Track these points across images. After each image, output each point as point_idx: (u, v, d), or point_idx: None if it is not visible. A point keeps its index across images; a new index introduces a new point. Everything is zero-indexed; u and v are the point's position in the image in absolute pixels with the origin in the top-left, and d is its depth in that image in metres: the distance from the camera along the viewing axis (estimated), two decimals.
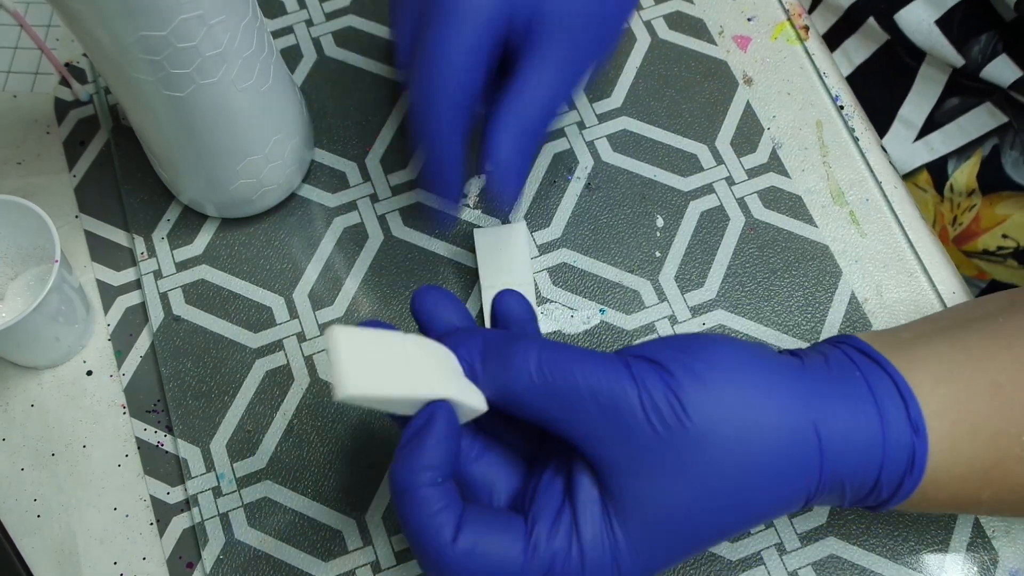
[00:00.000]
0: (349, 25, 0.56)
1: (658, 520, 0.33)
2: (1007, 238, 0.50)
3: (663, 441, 0.32)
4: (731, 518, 0.34)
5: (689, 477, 0.32)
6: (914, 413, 0.35)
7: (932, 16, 0.50)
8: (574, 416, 0.32)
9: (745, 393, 0.33)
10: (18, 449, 0.48)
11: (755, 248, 0.51)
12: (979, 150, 0.51)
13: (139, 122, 0.46)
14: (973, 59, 0.49)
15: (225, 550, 0.46)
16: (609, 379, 0.32)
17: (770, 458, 0.33)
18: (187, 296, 0.50)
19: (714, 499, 0.33)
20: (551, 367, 0.33)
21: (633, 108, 0.54)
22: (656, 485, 0.32)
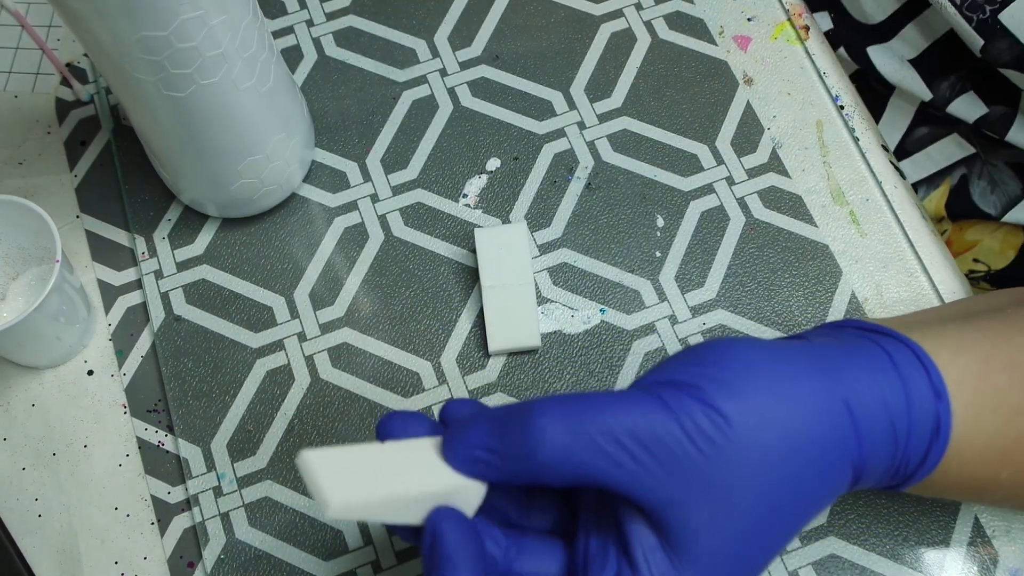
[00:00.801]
0: (350, 25, 0.56)
1: (724, 545, 0.31)
2: (978, 262, 0.51)
3: (713, 461, 0.30)
4: (792, 517, 0.32)
5: (746, 489, 0.31)
6: (936, 379, 0.34)
7: (904, 56, 0.51)
8: (616, 465, 0.30)
9: (775, 389, 0.32)
10: (19, 448, 0.48)
11: (755, 248, 0.51)
12: (948, 179, 0.51)
13: (140, 122, 0.46)
14: (941, 94, 0.49)
15: (226, 550, 0.46)
16: (644, 414, 0.30)
17: (814, 446, 0.32)
18: (188, 296, 0.50)
19: (773, 503, 0.31)
20: (577, 421, 0.30)
21: (633, 108, 0.54)
22: (716, 508, 0.30)
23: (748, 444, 0.31)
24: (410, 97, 0.55)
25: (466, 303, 0.50)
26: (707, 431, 0.30)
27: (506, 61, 0.55)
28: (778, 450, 0.31)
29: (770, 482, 0.31)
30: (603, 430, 0.30)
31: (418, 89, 0.55)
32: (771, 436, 0.31)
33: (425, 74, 0.55)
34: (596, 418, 0.30)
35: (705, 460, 0.30)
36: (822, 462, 0.32)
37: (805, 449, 0.32)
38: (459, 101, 0.54)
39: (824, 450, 0.32)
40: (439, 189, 0.52)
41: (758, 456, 0.31)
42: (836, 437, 0.33)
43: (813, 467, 0.32)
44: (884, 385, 0.34)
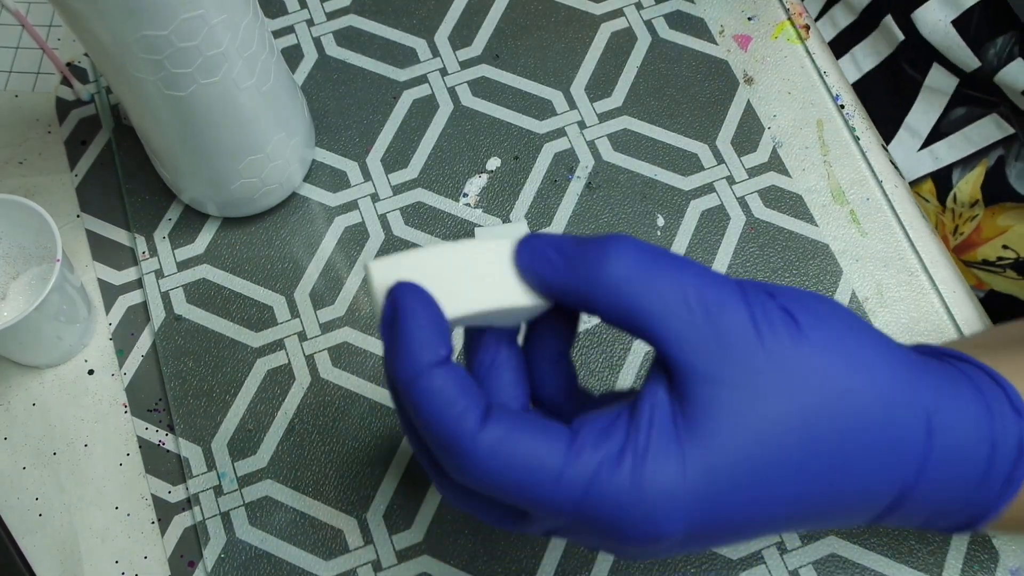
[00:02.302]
0: (350, 25, 0.56)
1: (734, 445, 0.27)
2: (1007, 248, 0.50)
3: (768, 358, 0.28)
4: (811, 478, 0.28)
5: (786, 404, 0.28)
6: (1015, 397, 0.32)
7: (949, 16, 0.50)
8: (671, 314, 0.28)
9: (860, 335, 0.29)
10: (20, 448, 0.48)
11: (756, 247, 0.51)
12: (984, 160, 0.51)
13: (140, 122, 0.46)
14: (988, 62, 0.49)
15: (226, 549, 0.46)
16: (717, 285, 0.28)
17: (877, 409, 0.29)
18: (188, 295, 0.50)
19: (803, 443, 0.28)
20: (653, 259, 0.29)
21: (634, 107, 0.54)
22: (746, 404, 0.27)
23: (811, 362, 0.28)
24: (410, 96, 0.55)
25: None
26: (776, 327, 0.28)
27: (506, 61, 0.55)
28: (837, 391, 0.28)
29: (814, 419, 0.28)
30: (674, 277, 0.28)
31: (418, 88, 0.55)
32: (837, 366, 0.28)
33: (425, 73, 0.55)
34: (671, 264, 0.29)
35: (760, 352, 0.28)
36: (877, 434, 0.29)
37: (866, 402, 0.29)
38: (459, 100, 0.54)
39: (884, 421, 0.29)
40: (439, 188, 0.52)
41: (816, 381, 0.28)
42: (904, 417, 0.29)
43: (864, 431, 0.29)
44: (965, 397, 0.31)
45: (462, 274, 0.30)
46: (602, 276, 0.29)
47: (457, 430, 0.27)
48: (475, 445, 0.27)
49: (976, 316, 0.49)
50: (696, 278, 0.29)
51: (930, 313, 0.49)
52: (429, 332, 0.28)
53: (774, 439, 0.28)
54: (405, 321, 0.28)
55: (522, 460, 0.27)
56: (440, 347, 0.28)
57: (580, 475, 0.27)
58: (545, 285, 0.30)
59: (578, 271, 0.29)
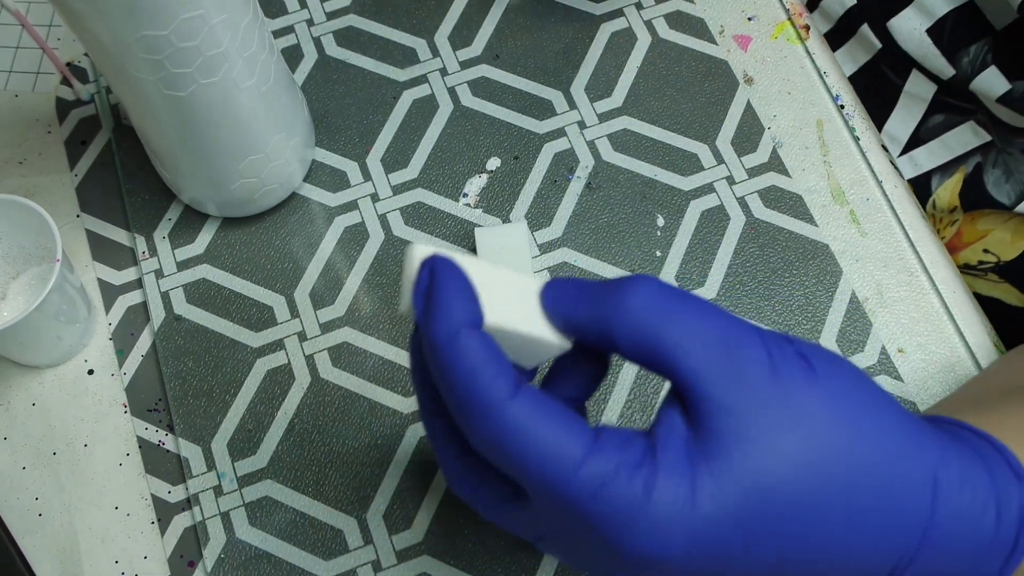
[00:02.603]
0: (350, 25, 0.56)
1: (747, 472, 0.28)
2: (988, 252, 0.51)
3: (785, 390, 0.28)
4: (821, 523, 0.29)
5: (799, 437, 0.28)
6: (1015, 463, 0.32)
7: (924, 25, 0.50)
8: (689, 347, 0.29)
9: (872, 390, 0.30)
10: (19, 448, 0.48)
11: (755, 247, 0.51)
12: (962, 167, 0.51)
13: (140, 121, 0.46)
14: (963, 70, 0.49)
15: (226, 549, 0.46)
16: (736, 325, 0.29)
17: (885, 466, 0.29)
18: (188, 295, 0.50)
19: (815, 482, 0.28)
20: (673, 297, 0.30)
21: (634, 108, 0.54)
22: (762, 431, 0.28)
23: (825, 405, 0.29)
24: (410, 96, 0.55)
25: None
26: (792, 368, 0.29)
27: (506, 61, 0.55)
28: (848, 439, 0.29)
29: (823, 464, 0.28)
30: (695, 313, 0.29)
31: (418, 88, 0.55)
32: (849, 421, 0.29)
33: (425, 73, 0.55)
34: (693, 302, 0.30)
35: (776, 388, 0.28)
36: (886, 498, 0.29)
37: (875, 468, 0.29)
38: (459, 100, 0.54)
39: (892, 488, 0.29)
40: (439, 188, 0.52)
41: (828, 426, 0.29)
42: (910, 479, 0.30)
43: (869, 479, 0.29)
44: (967, 462, 0.31)
45: (494, 291, 0.30)
46: (624, 308, 0.29)
47: (489, 392, 0.28)
48: (504, 409, 0.27)
49: (976, 316, 0.49)
50: (716, 316, 0.29)
51: (930, 313, 0.49)
52: (466, 296, 0.29)
53: (783, 475, 0.28)
54: (443, 283, 0.29)
55: (546, 438, 0.27)
56: (475, 312, 0.29)
57: (599, 472, 0.27)
58: (569, 321, 0.30)
59: (601, 305, 0.30)
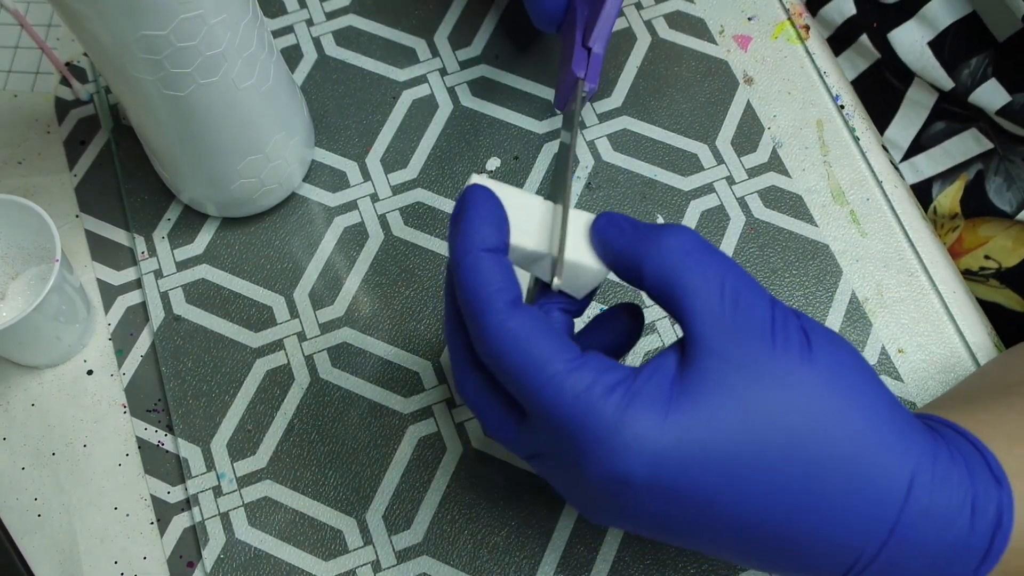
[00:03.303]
0: (349, 25, 0.56)
1: (720, 419, 0.30)
2: (989, 259, 0.51)
3: (777, 354, 0.30)
4: (787, 495, 0.30)
5: (778, 401, 0.30)
6: (995, 465, 0.33)
7: (925, 37, 0.50)
8: (704, 293, 0.31)
9: (866, 376, 0.32)
10: (19, 448, 0.48)
11: (756, 248, 0.51)
12: (963, 175, 0.51)
13: (139, 121, 0.46)
14: (962, 83, 0.49)
15: (225, 549, 0.46)
16: (753, 287, 0.32)
17: (865, 455, 0.30)
18: (188, 295, 0.50)
19: (787, 451, 0.30)
20: (705, 247, 0.32)
21: (633, 108, 0.54)
22: (743, 384, 0.30)
23: (811, 378, 0.30)
24: (410, 96, 0.54)
25: None
26: (791, 337, 0.31)
27: (506, 60, 0.55)
28: (829, 418, 0.30)
29: (799, 437, 0.30)
30: (719, 267, 0.32)
31: (418, 88, 0.55)
32: (833, 398, 0.30)
33: (425, 73, 0.55)
34: (721, 257, 0.32)
35: (770, 349, 0.30)
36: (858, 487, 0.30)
37: (853, 455, 0.30)
38: (459, 100, 0.54)
39: (867, 477, 0.30)
40: (439, 189, 0.52)
41: (812, 398, 0.30)
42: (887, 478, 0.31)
43: (846, 479, 0.30)
44: (945, 460, 0.32)
45: (543, 219, 0.35)
46: (657, 245, 0.32)
47: (489, 304, 0.31)
48: (502, 321, 0.31)
49: (976, 317, 0.49)
50: (738, 276, 0.32)
51: (930, 313, 0.49)
52: (487, 224, 0.33)
53: (754, 432, 0.30)
54: (471, 211, 0.33)
55: (532, 350, 0.31)
56: (492, 237, 0.32)
57: (574, 384, 0.30)
58: (609, 248, 0.34)
59: (641, 238, 0.33)
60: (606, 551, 0.45)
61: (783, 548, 0.31)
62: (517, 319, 0.31)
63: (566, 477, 0.33)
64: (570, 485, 0.33)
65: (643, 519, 0.31)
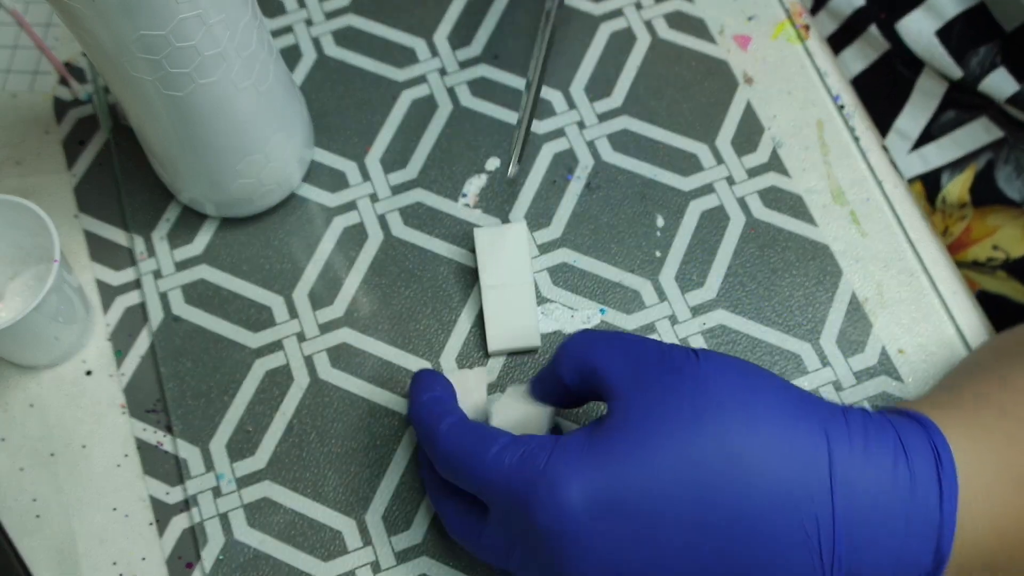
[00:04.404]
0: (349, 24, 0.56)
1: (630, 428, 0.35)
2: (997, 249, 0.50)
3: (664, 369, 0.36)
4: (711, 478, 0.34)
5: (676, 402, 0.35)
6: (919, 417, 0.35)
7: (933, 27, 0.50)
8: (609, 361, 0.38)
9: (757, 372, 0.37)
10: (17, 449, 0.48)
11: (755, 248, 0.51)
12: (973, 164, 0.51)
13: (138, 121, 0.46)
14: (971, 71, 0.49)
15: (225, 550, 0.45)
16: (642, 340, 0.38)
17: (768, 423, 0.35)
18: (187, 296, 0.50)
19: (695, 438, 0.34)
20: (594, 333, 0.40)
21: (633, 108, 0.54)
22: (645, 404, 0.35)
23: (707, 383, 0.35)
24: (409, 97, 0.54)
25: (466, 303, 0.50)
26: (677, 358, 0.37)
27: (505, 60, 0.55)
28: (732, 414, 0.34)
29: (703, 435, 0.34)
30: (611, 340, 0.39)
31: (417, 88, 0.55)
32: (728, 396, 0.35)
33: (424, 73, 0.55)
34: (610, 334, 0.40)
35: (660, 368, 0.36)
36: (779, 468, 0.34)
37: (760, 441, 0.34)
38: (459, 100, 0.54)
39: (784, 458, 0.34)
40: (438, 189, 0.52)
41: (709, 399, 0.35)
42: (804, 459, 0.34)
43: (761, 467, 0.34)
44: (861, 418, 0.35)
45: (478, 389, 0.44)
46: (562, 350, 0.40)
47: (428, 422, 0.40)
48: (437, 429, 0.39)
49: (976, 317, 0.49)
50: (626, 337, 0.39)
51: (930, 314, 0.49)
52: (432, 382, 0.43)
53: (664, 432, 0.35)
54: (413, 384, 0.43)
55: (473, 438, 0.38)
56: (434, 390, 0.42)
57: (513, 457, 0.36)
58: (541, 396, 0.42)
59: (551, 362, 0.41)
60: None
61: (747, 557, 0.34)
62: (446, 424, 0.39)
63: (527, 556, 0.37)
64: (536, 566, 0.37)
65: (592, 558, 0.35)
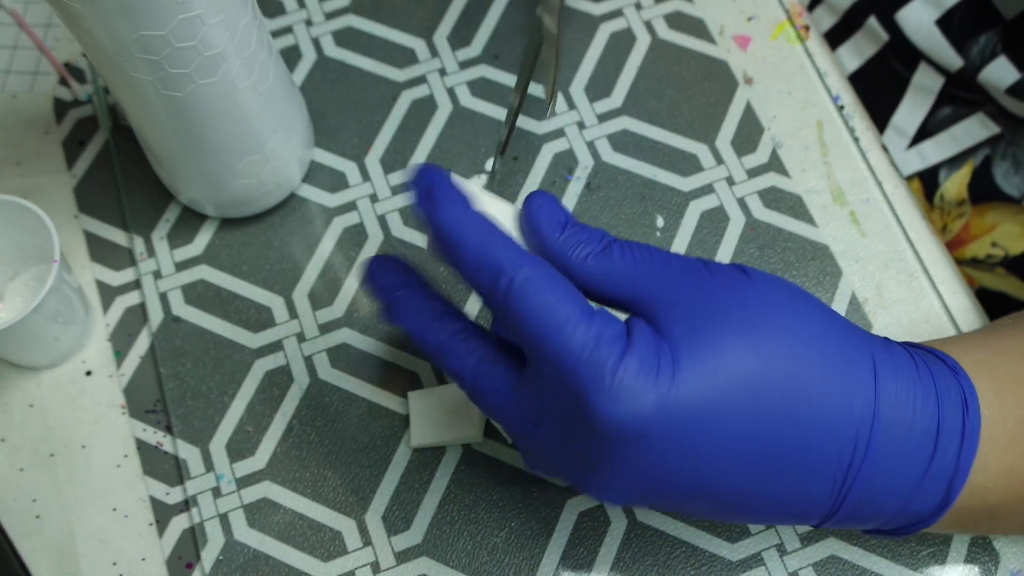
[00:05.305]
0: (349, 25, 0.56)
1: (700, 347, 0.32)
2: (996, 246, 0.50)
3: (718, 285, 0.34)
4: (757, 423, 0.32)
5: (734, 320, 0.33)
6: (949, 361, 0.35)
7: (932, 16, 0.50)
8: (648, 270, 0.34)
9: (807, 295, 0.35)
10: (17, 449, 0.48)
11: (755, 248, 0.51)
12: (970, 160, 0.51)
13: (138, 122, 0.46)
14: (972, 61, 0.49)
15: (224, 551, 0.45)
16: (676, 255, 0.35)
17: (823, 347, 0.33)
18: (187, 296, 0.50)
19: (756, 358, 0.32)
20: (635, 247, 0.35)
21: (633, 108, 0.54)
22: (699, 313, 0.33)
23: (757, 298, 0.33)
24: (409, 97, 0.54)
25: (465, 303, 0.50)
26: (725, 270, 0.34)
27: (505, 61, 0.55)
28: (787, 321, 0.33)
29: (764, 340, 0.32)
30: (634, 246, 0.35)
31: (417, 89, 0.55)
32: (782, 314, 0.33)
33: (424, 74, 0.55)
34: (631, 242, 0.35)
35: (713, 287, 0.33)
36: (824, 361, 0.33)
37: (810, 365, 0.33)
38: (459, 101, 0.54)
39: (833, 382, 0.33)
40: None
41: (763, 316, 0.33)
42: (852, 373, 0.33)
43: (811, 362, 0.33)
44: (904, 362, 0.35)
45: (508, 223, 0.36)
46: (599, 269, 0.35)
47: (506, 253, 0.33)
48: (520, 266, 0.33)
49: (977, 317, 0.49)
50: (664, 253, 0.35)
51: (930, 314, 0.49)
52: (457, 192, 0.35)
53: (726, 350, 0.32)
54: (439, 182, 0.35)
55: (552, 297, 0.32)
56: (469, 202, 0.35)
57: (587, 338, 0.32)
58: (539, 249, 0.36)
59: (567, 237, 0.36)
60: (605, 552, 0.45)
61: (779, 477, 0.33)
62: (533, 266, 0.33)
63: (570, 440, 0.34)
64: (574, 451, 0.34)
65: (645, 467, 0.33)
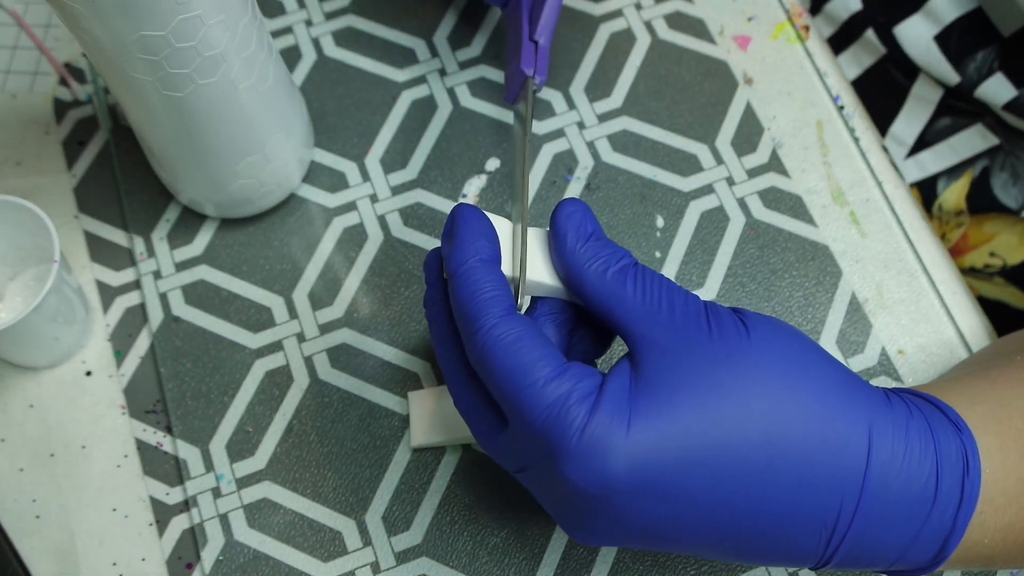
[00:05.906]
0: (349, 25, 0.56)
1: (676, 402, 0.31)
2: (994, 256, 0.50)
3: (712, 338, 0.32)
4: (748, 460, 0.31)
5: (724, 373, 0.32)
6: (953, 415, 0.34)
7: (931, 32, 0.50)
8: (639, 302, 0.34)
9: (804, 346, 0.33)
10: (17, 449, 0.48)
11: (755, 248, 0.51)
12: (969, 171, 0.51)
13: (138, 122, 0.46)
14: (968, 77, 0.49)
15: (224, 551, 0.45)
16: (683, 292, 0.34)
17: (815, 422, 0.31)
18: (187, 296, 0.50)
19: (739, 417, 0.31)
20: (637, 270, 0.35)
21: (633, 108, 0.54)
22: (689, 366, 0.32)
23: (752, 356, 0.32)
24: (409, 97, 0.54)
25: None
26: (725, 322, 0.33)
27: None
28: (777, 376, 0.32)
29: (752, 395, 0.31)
30: (648, 276, 0.34)
31: (417, 89, 0.55)
32: (777, 364, 0.32)
33: (424, 74, 0.55)
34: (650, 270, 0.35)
35: (706, 334, 0.32)
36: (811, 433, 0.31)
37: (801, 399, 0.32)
38: (458, 101, 0.54)
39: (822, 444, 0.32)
40: (438, 189, 0.52)
41: (754, 368, 0.32)
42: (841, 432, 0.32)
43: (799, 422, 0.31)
44: (905, 419, 0.33)
45: (510, 243, 0.37)
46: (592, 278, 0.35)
47: (482, 311, 0.33)
48: (493, 326, 0.33)
49: (977, 318, 0.49)
50: (666, 281, 0.34)
51: (930, 315, 0.49)
52: (481, 236, 0.35)
53: (707, 419, 0.31)
54: (462, 226, 0.35)
55: (520, 358, 0.32)
56: (486, 248, 0.35)
57: (556, 395, 0.32)
58: (559, 266, 0.36)
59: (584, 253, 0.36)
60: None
61: (761, 530, 0.32)
62: (507, 326, 0.33)
63: (548, 490, 0.34)
64: (553, 499, 0.34)
65: (620, 521, 0.32)
